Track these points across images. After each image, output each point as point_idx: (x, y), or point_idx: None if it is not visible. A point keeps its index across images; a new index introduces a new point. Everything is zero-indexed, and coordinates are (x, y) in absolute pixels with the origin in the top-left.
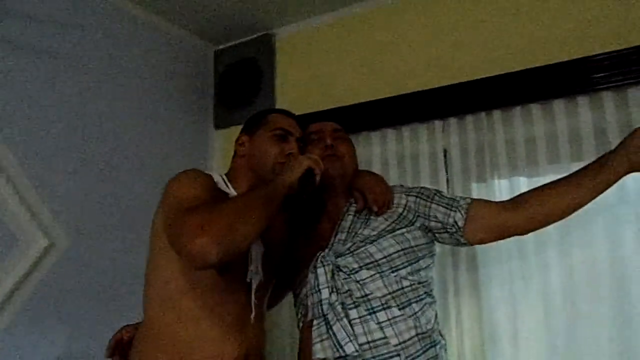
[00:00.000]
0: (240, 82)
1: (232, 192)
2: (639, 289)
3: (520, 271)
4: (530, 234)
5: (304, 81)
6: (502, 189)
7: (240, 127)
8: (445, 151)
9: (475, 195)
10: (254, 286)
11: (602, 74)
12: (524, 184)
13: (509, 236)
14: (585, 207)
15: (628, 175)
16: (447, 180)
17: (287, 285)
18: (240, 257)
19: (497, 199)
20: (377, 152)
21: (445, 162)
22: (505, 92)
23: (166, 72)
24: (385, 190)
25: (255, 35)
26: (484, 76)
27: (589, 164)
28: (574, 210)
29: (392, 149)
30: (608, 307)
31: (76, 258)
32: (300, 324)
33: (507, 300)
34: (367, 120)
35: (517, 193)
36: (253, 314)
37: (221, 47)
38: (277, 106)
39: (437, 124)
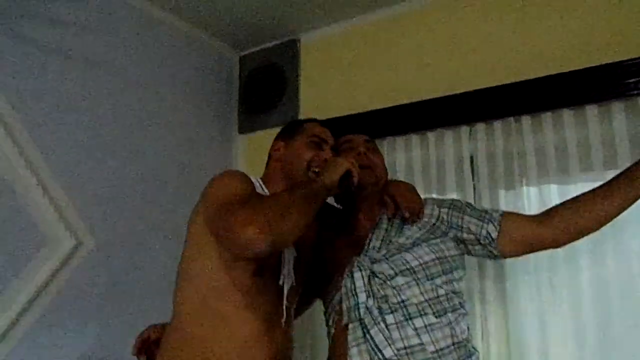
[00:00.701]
0: (264, 87)
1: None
2: None
3: (549, 282)
4: None
5: (328, 86)
6: (532, 196)
7: (264, 132)
8: (472, 157)
9: (503, 203)
10: (286, 290)
11: (638, 79)
12: (554, 192)
13: (543, 249)
14: (619, 215)
15: None
16: (474, 188)
17: (314, 294)
18: (273, 260)
19: (526, 207)
20: (401, 157)
21: (472, 169)
22: (535, 97)
23: (191, 76)
24: (416, 199)
25: (280, 41)
26: (513, 81)
27: (620, 173)
28: (608, 221)
29: (417, 155)
30: None
31: (103, 258)
32: (332, 330)
33: (536, 312)
34: (391, 126)
35: (547, 201)
36: (284, 317)
37: (246, 52)
38: (301, 111)
39: (464, 129)
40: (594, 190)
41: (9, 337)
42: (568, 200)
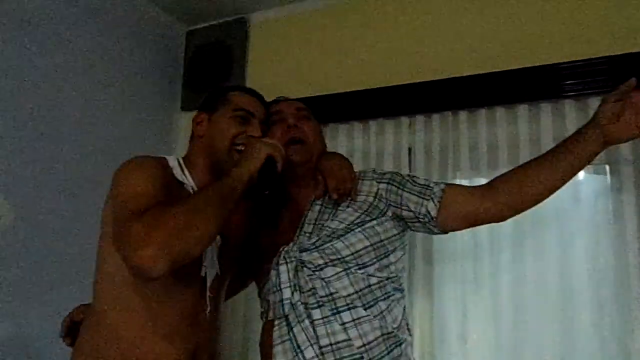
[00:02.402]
0: (211, 64)
1: (188, 180)
2: (583, 299)
3: (473, 272)
4: (484, 236)
5: (276, 68)
6: None
7: None
8: (410, 149)
9: None
10: (209, 280)
11: (566, 82)
12: None
13: (484, 223)
14: (540, 214)
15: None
16: None
17: (249, 275)
18: None
19: None
20: (343, 145)
21: (410, 160)
22: (471, 93)
23: (135, 49)
24: (347, 177)
25: (229, 19)
26: (452, 76)
27: (562, 142)
28: (550, 193)
29: (359, 143)
30: (553, 315)
31: (22, 235)
32: (263, 319)
33: (459, 300)
34: (335, 112)
35: None
36: (208, 309)
37: (194, 27)
38: None
39: (404, 120)
40: (537, 159)
41: None
42: (512, 171)
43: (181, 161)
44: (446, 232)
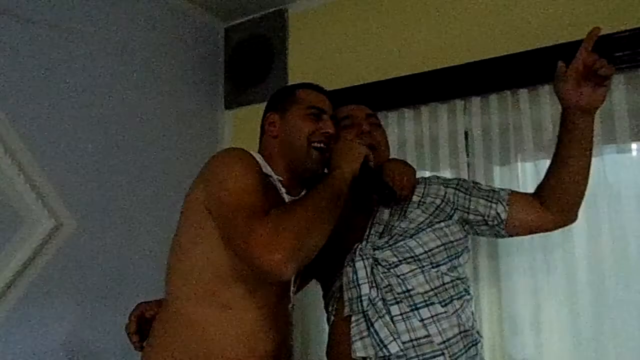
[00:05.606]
0: (251, 59)
1: (272, 174)
2: None
3: (544, 259)
4: None
5: (318, 59)
6: (527, 172)
7: (251, 107)
8: (466, 132)
9: (497, 179)
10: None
11: (636, 50)
12: None
13: (543, 232)
14: (617, 189)
15: None
16: (468, 164)
17: (311, 275)
18: None
19: (521, 183)
20: (394, 133)
21: (467, 144)
22: (532, 69)
23: (176, 48)
24: (406, 172)
25: (267, 11)
26: (510, 52)
27: (559, 134)
28: (587, 179)
29: (410, 130)
30: (637, 299)
31: (85, 240)
32: (332, 318)
33: (529, 289)
34: (383, 100)
35: (542, 177)
36: (292, 303)
37: (232, 23)
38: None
39: (459, 103)
40: (555, 159)
41: None
42: (544, 181)
43: (261, 157)
44: (511, 236)
